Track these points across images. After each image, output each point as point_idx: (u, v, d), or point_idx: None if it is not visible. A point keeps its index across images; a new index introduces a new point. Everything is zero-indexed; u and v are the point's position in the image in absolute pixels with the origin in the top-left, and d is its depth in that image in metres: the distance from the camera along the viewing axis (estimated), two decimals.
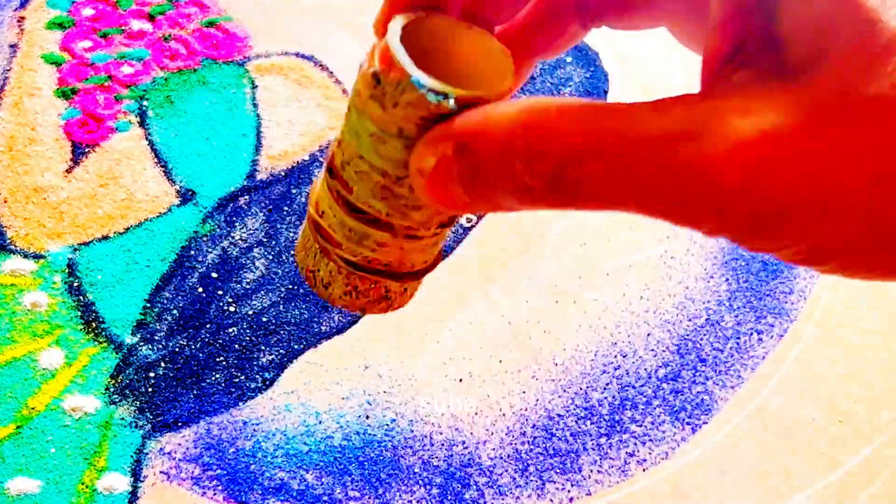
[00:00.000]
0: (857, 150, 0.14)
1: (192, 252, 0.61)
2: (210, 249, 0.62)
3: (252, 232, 0.62)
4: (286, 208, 0.63)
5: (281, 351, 0.58)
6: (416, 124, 0.17)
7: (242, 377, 0.57)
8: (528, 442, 0.56)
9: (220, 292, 0.60)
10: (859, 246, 0.15)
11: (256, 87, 0.69)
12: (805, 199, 0.14)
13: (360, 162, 0.18)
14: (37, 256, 0.60)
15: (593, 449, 0.56)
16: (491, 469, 0.55)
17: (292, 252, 0.62)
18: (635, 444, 0.56)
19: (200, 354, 0.58)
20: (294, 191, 0.64)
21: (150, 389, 0.56)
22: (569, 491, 0.54)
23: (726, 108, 0.15)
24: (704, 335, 0.60)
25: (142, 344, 0.58)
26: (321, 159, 0.66)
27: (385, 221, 0.19)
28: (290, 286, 0.60)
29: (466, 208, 0.17)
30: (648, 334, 0.60)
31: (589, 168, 0.15)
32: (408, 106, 0.17)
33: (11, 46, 0.70)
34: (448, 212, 0.19)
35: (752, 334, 0.60)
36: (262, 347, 0.58)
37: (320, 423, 0.56)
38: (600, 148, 0.15)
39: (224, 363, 0.58)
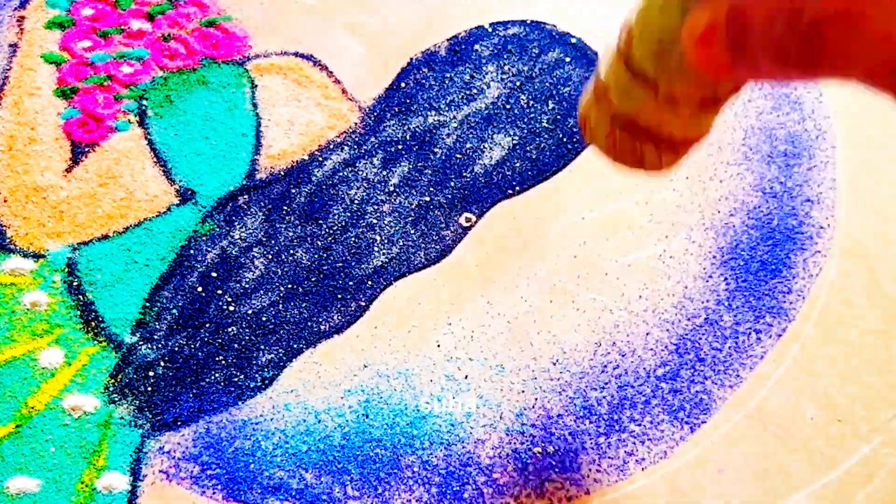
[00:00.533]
0: None
1: (192, 251, 0.61)
2: (209, 249, 0.62)
3: (251, 231, 0.62)
4: (286, 208, 0.64)
5: (280, 350, 0.58)
6: None
7: (242, 376, 0.57)
8: (527, 441, 0.56)
9: (220, 292, 0.60)
10: None
11: (256, 86, 0.69)
12: None
13: (646, 26, 0.21)
14: (36, 256, 0.60)
15: (592, 448, 0.56)
16: (490, 468, 0.55)
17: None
18: (634, 443, 0.56)
19: (200, 354, 0.58)
20: (293, 190, 0.64)
21: (149, 388, 0.56)
22: (567, 490, 0.55)
23: None
24: (703, 334, 0.60)
25: (141, 343, 0.58)
26: (320, 159, 0.66)
27: (652, 82, 0.21)
28: (290, 286, 0.60)
29: (728, 72, 0.19)
30: (647, 334, 0.60)
31: (846, 30, 0.16)
32: None
33: (11, 46, 0.70)
34: (714, 83, 0.21)
35: (750, 334, 0.60)
36: (262, 347, 0.58)
37: (319, 422, 0.56)
38: (859, 12, 0.16)
39: (223, 362, 0.58)
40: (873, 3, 0.16)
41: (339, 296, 0.60)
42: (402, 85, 0.70)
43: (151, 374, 0.57)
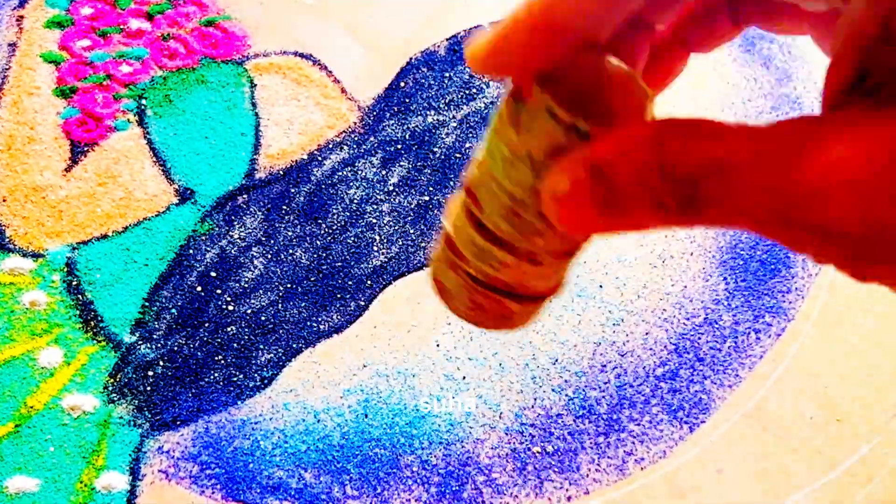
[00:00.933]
0: None
1: (191, 251, 0.61)
2: (208, 248, 0.62)
3: (251, 231, 0.62)
4: (285, 207, 0.64)
5: (279, 350, 0.58)
6: (545, 152, 0.17)
7: (241, 376, 0.57)
8: (527, 441, 0.56)
9: (219, 291, 0.60)
10: None
11: (255, 86, 0.69)
12: None
13: (492, 182, 0.19)
14: (35, 255, 0.60)
15: (591, 448, 0.56)
16: (489, 468, 0.55)
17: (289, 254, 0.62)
18: (633, 442, 0.56)
19: (199, 353, 0.58)
20: (293, 190, 0.64)
21: (148, 388, 0.56)
22: (567, 490, 0.55)
23: (849, 134, 0.15)
24: (702, 334, 0.60)
25: (140, 343, 0.58)
26: (320, 158, 0.66)
27: (508, 242, 0.20)
28: (289, 285, 0.60)
29: (599, 229, 0.18)
30: (646, 333, 0.60)
31: (720, 187, 0.15)
32: (540, 133, 0.17)
33: (10, 45, 0.70)
34: (577, 236, 0.20)
35: (749, 333, 0.60)
36: (261, 346, 0.58)
37: (319, 421, 0.56)
38: (732, 164, 0.15)
39: (223, 362, 0.58)
40: (747, 156, 0.15)
41: (339, 295, 0.60)
42: (402, 84, 0.70)
43: (151, 373, 0.57)
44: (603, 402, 0.58)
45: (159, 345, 0.58)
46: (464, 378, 0.58)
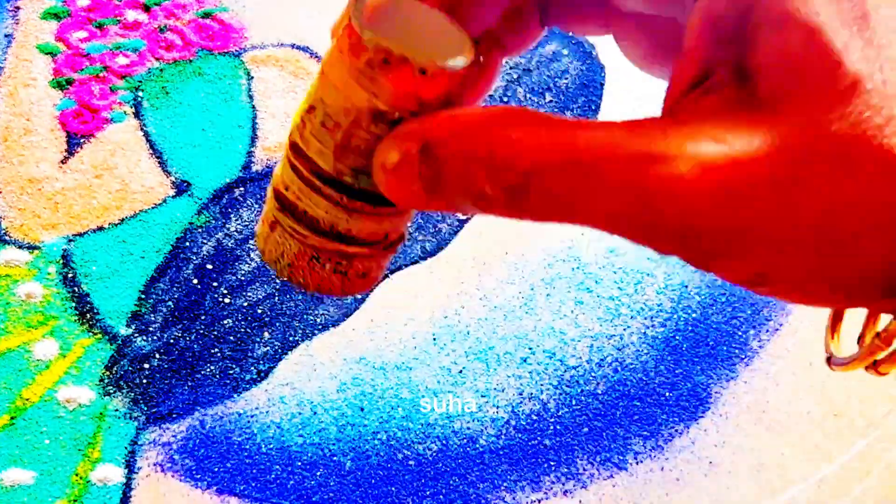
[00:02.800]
0: (815, 187, 0.14)
1: (188, 243, 0.61)
2: (205, 241, 0.61)
3: (247, 223, 0.62)
4: None
5: (276, 342, 0.58)
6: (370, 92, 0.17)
7: (237, 369, 0.57)
8: (523, 435, 0.56)
9: (216, 284, 0.60)
10: (802, 276, 0.15)
11: (252, 78, 0.69)
12: (764, 228, 0.15)
13: (314, 123, 0.18)
14: (31, 247, 0.60)
15: (588, 442, 0.56)
16: (486, 462, 0.55)
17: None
18: (630, 436, 0.56)
19: (195, 346, 0.58)
20: None
21: (144, 381, 0.56)
22: (564, 484, 0.55)
23: (697, 132, 0.15)
24: (700, 328, 0.60)
25: (136, 335, 0.58)
26: None
27: (337, 182, 0.19)
28: None
29: (423, 207, 0.17)
30: (645, 327, 0.60)
31: (554, 182, 0.15)
32: (364, 70, 0.17)
33: (6, 36, 0.69)
34: (405, 207, 0.19)
35: (747, 327, 0.60)
36: (257, 339, 0.58)
37: (315, 415, 0.56)
38: (567, 163, 0.15)
39: (219, 355, 0.57)
40: (607, 156, 0.15)
41: None
42: None
43: (147, 366, 0.57)
44: (600, 396, 0.58)
45: (155, 337, 0.58)
46: (460, 372, 0.58)
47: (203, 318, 0.59)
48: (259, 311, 0.59)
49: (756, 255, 0.15)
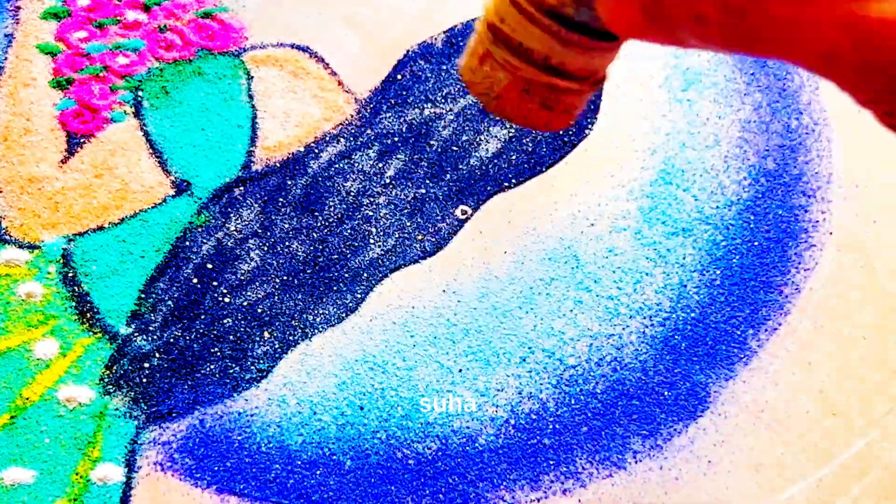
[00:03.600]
0: None
1: (187, 243, 0.61)
2: (205, 240, 0.61)
3: (247, 223, 0.62)
4: (281, 199, 0.63)
5: (276, 342, 0.58)
6: None
7: (237, 368, 0.57)
8: (523, 434, 0.56)
9: (215, 283, 0.60)
10: None
11: (252, 78, 0.69)
12: None
13: None
14: (31, 247, 0.60)
15: (587, 441, 0.56)
16: (485, 461, 0.55)
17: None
18: (629, 435, 0.56)
19: (195, 345, 0.58)
20: (289, 182, 0.64)
21: (144, 380, 0.56)
22: (563, 483, 0.55)
23: None
24: (699, 328, 0.60)
25: (136, 334, 0.58)
26: (316, 151, 0.66)
27: (557, 13, 0.20)
28: (286, 277, 0.60)
29: (642, 34, 0.17)
30: (644, 326, 0.60)
31: (775, 7, 0.15)
32: None
33: (7, 36, 0.69)
34: (625, 35, 0.19)
35: (746, 327, 0.60)
36: (257, 339, 0.58)
37: (315, 414, 0.56)
38: None
39: (219, 354, 0.58)
40: None
41: (335, 288, 0.60)
42: (399, 77, 0.70)
43: (147, 365, 0.57)
44: (599, 395, 0.58)
45: (155, 337, 0.58)
46: (460, 371, 0.58)
47: (203, 317, 0.59)
48: (259, 311, 0.59)
49: None
